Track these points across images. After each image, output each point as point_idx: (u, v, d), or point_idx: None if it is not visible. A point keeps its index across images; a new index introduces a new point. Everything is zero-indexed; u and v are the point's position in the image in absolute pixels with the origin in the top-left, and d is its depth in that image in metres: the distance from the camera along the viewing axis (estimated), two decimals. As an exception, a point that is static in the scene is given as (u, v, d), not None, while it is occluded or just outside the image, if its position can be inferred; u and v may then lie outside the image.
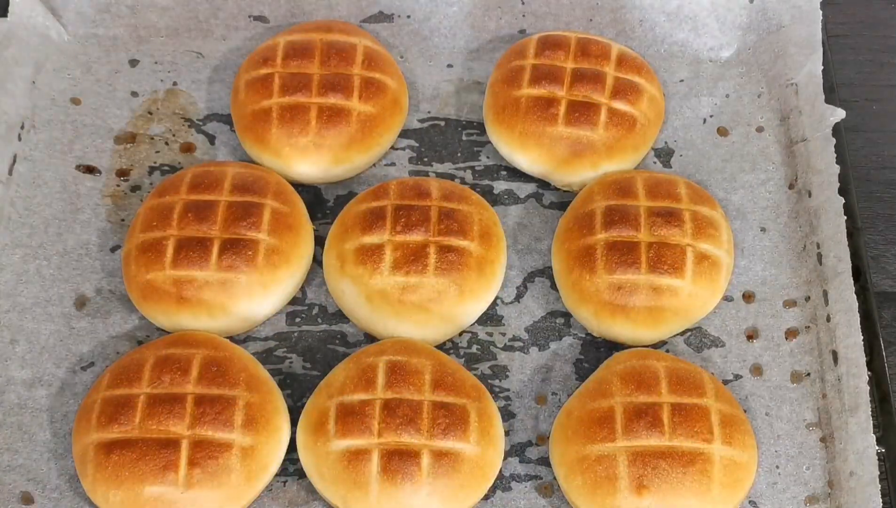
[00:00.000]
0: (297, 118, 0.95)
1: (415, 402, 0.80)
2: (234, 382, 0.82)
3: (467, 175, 1.00)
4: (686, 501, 0.78)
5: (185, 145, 1.01)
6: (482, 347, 0.91)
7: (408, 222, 0.89)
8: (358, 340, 0.91)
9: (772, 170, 1.00)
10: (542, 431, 0.87)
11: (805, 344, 0.91)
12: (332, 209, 0.98)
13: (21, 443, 0.85)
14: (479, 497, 0.82)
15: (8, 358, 0.89)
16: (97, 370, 0.89)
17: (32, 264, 0.93)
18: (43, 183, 0.97)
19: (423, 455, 0.78)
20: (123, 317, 0.91)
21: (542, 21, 1.08)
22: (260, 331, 0.91)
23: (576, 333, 0.92)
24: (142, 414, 0.79)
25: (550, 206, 0.99)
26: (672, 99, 1.05)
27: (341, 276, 0.89)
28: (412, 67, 1.06)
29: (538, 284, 0.95)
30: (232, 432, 0.80)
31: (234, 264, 0.87)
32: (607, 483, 0.78)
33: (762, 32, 1.05)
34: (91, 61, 1.05)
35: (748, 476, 0.81)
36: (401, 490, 0.77)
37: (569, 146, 0.95)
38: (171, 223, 0.89)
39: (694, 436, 0.79)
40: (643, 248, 0.88)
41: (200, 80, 1.05)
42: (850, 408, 0.85)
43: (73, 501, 0.83)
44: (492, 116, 0.99)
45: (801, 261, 0.95)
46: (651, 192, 0.92)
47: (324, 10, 1.07)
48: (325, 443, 0.80)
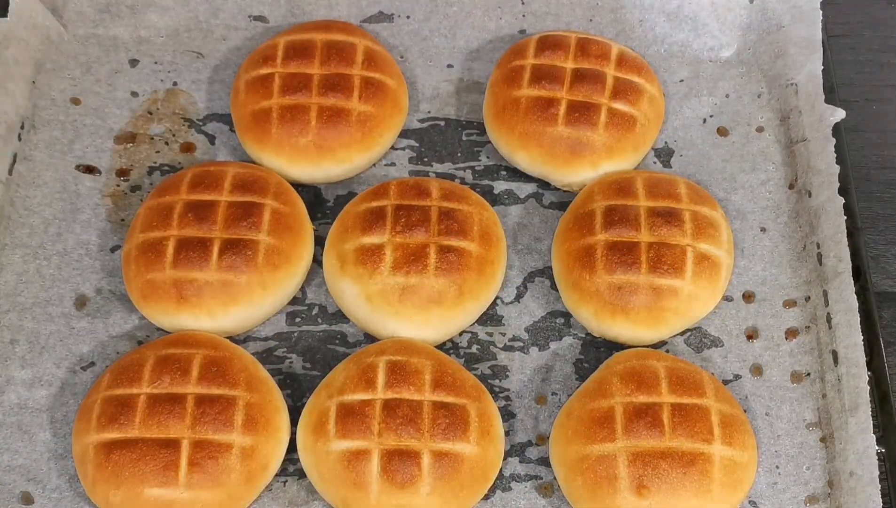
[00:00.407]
0: (297, 118, 0.95)
1: (415, 402, 0.80)
2: (234, 382, 0.82)
3: (467, 175, 1.00)
4: (686, 501, 0.78)
5: (185, 145, 1.01)
6: (482, 347, 0.91)
7: (408, 222, 0.89)
8: (358, 340, 0.91)
9: (772, 170, 1.00)
10: (542, 431, 0.87)
11: (805, 344, 0.91)
12: (332, 209, 0.98)
13: (21, 443, 0.85)
14: (480, 497, 0.82)
15: (8, 358, 0.89)
16: (97, 370, 0.89)
17: (32, 264, 0.93)
18: (43, 183, 0.97)
19: (424, 455, 0.78)
20: (123, 317, 0.91)
21: (542, 21, 1.08)
22: (260, 331, 0.91)
23: (576, 333, 0.92)
24: (142, 414, 0.79)
25: (550, 206, 0.99)
26: (672, 99, 1.05)
27: (341, 276, 0.89)
28: (412, 67, 1.06)
29: (538, 284, 0.95)
30: (232, 432, 0.80)
31: (234, 265, 0.87)
32: (607, 484, 0.78)
33: (762, 32, 1.05)
34: (91, 61, 1.05)
35: (748, 476, 0.81)
36: (401, 490, 0.77)
37: (569, 146, 0.95)
38: (171, 223, 0.89)
39: (694, 436, 0.79)
40: (643, 248, 0.88)
41: (200, 80, 1.05)
42: (850, 408, 0.85)
43: (73, 501, 0.83)
44: (492, 116, 0.99)
45: (801, 261, 0.95)
46: (651, 192, 0.92)
47: (324, 10, 1.07)
48: (325, 443, 0.80)
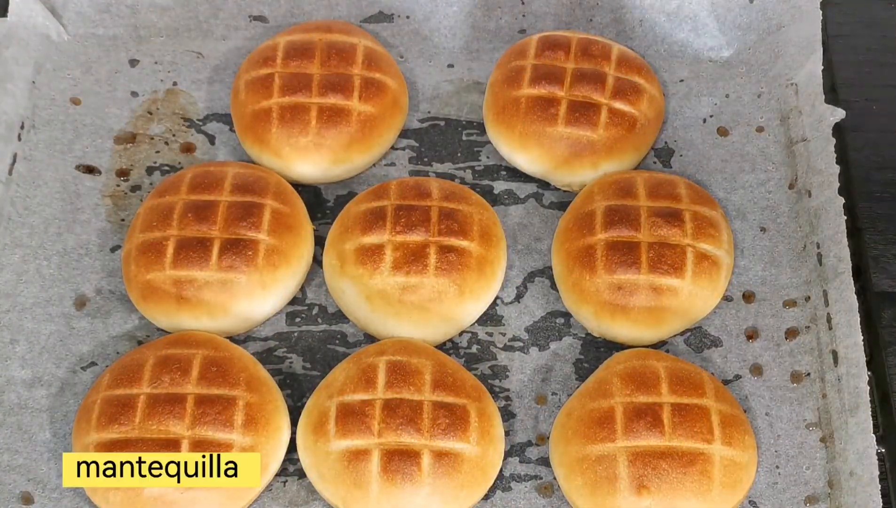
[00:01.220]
0: (297, 118, 0.95)
1: (415, 402, 0.80)
2: (234, 382, 0.82)
3: (467, 175, 1.00)
4: (686, 501, 0.78)
5: (185, 145, 1.01)
6: (482, 347, 0.91)
7: (408, 222, 0.89)
8: (358, 340, 0.91)
9: (772, 170, 1.00)
10: (542, 431, 0.87)
11: (805, 344, 0.91)
12: (332, 209, 0.98)
13: (21, 443, 0.85)
14: (480, 497, 0.82)
15: (8, 358, 0.89)
16: (97, 370, 0.89)
17: (32, 264, 0.93)
18: (43, 183, 0.97)
19: (424, 455, 0.78)
20: (123, 317, 0.91)
21: (542, 21, 1.08)
22: (260, 331, 0.91)
23: (576, 333, 0.92)
24: (142, 414, 0.79)
25: (550, 206, 0.99)
26: (672, 99, 1.05)
27: (341, 276, 0.89)
28: (412, 67, 1.06)
29: (538, 284, 0.95)
30: (232, 432, 0.80)
31: (234, 265, 0.87)
32: (607, 484, 0.78)
33: (762, 32, 1.05)
34: (91, 61, 1.05)
35: (748, 476, 0.81)
36: (401, 490, 0.77)
37: (569, 146, 0.95)
38: (171, 223, 0.89)
39: (694, 436, 0.79)
40: (643, 248, 0.88)
41: (200, 80, 1.05)
42: (850, 408, 0.85)
43: (73, 501, 0.83)
44: (492, 116, 0.99)
45: (801, 261, 0.95)
46: (651, 192, 0.92)
47: (324, 10, 1.07)
48: (326, 443, 0.80)
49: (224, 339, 0.87)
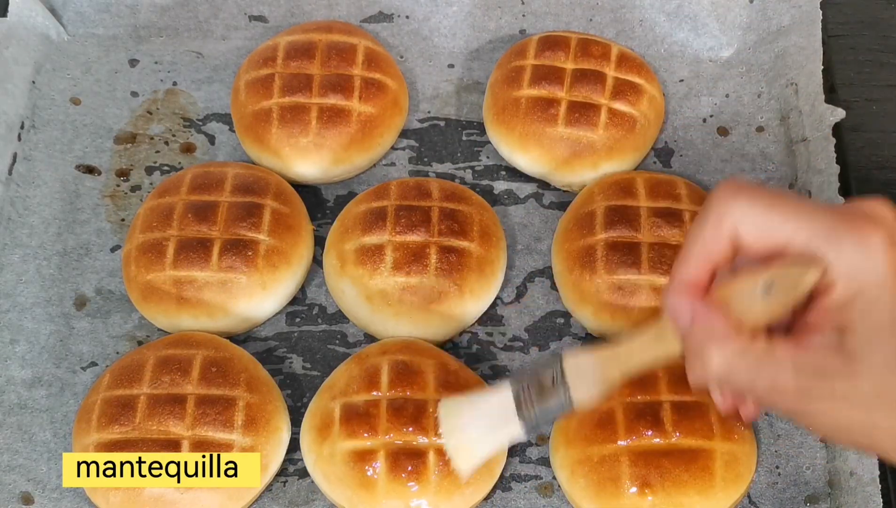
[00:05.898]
0: (297, 119, 0.95)
1: (420, 401, 0.80)
2: (234, 382, 0.82)
3: (467, 175, 1.00)
4: (689, 498, 0.78)
5: (185, 145, 1.01)
6: (482, 347, 0.91)
7: (408, 222, 0.89)
8: (358, 340, 0.91)
9: (772, 170, 1.00)
10: (541, 431, 0.87)
11: (805, 344, 0.91)
12: (332, 209, 0.98)
13: (21, 443, 0.85)
14: (485, 493, 0.82)
15: (8, 358, 0.89)
16: (97, 370, 0.89)
17: (32, 264, 0.93)
18: (43, 183, 0.97)
19: (430, 453, 0.78)
20: (123, 317, 0.91)
21: (542, 21, 1.08)
22: (260, 331, 0.91)
23: (576, 333, 0.92)
24: (142, 415, 0.79)
25: (550, 206, 0.99)
26: (672, 99, 1.05)
27: (341, 276, 0.89)
28: (412, 67, 1.06)
29: (538, 284, 0.95)
30: (232, 432, 0.80)
31: (234, 265, 0.87)
32: (611, 485, 0.78)
33: (762, 32, 1.05)
34: (91, 61, 1.05)
35: (749, 469, 0.81)
36: (407, 489, 0.77)
37: (569, 147, 0.95)
38: (171, 224, 0.88)
39: (695, 433, 0.79)
40: (644, 248, 0.88)
41: (200, 80, 1.05)
42: (851, 408, 0.84)
43: (73, 501, 0.83)
44: (492, 117, 0.99)
45: (801, 261, 0.95)
46: (651, 192, 0.92)
47: (324, 10, 1.07)
48: (331, 445, 0.79)
49: (224, 339, 0.87)
